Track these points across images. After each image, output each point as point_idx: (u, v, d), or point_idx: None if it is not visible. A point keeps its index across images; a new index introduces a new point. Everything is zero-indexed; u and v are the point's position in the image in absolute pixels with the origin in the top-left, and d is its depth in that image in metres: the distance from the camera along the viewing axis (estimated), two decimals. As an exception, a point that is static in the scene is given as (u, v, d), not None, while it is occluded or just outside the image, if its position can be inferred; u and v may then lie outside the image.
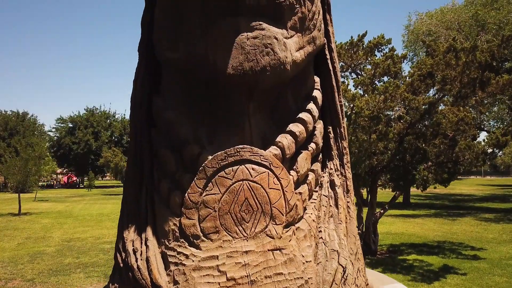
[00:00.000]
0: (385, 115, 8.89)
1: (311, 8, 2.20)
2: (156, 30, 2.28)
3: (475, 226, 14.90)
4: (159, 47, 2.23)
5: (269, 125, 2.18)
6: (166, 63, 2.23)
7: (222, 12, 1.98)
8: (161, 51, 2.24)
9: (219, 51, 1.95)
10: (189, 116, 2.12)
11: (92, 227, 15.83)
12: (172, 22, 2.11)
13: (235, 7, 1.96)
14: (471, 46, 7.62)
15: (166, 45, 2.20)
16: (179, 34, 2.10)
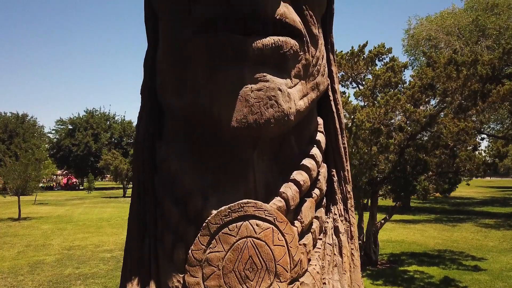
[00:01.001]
0: (386, 125, 8.88)
1: (315, 54, 2.18)
2: (158, 75, 2.25)
3: (476, 233, 14.89)
4: (162, 93, 2.21)
5: (272, 172, 2.16)
6: (169, 109, 2.21)
7: (227, 61, 1.96)
8: (164, 97, 2.21)
9: (224, 104, 1.92)
10: (193, 165, 2.10)
11: (92, 234, 15.81)
12: (175, 68, 2.09)
13: (240, 57, 1.94)
14: (472, 60, 7.61)
15: (169, 91, 2.18)
16: (183, 81, 2.08)
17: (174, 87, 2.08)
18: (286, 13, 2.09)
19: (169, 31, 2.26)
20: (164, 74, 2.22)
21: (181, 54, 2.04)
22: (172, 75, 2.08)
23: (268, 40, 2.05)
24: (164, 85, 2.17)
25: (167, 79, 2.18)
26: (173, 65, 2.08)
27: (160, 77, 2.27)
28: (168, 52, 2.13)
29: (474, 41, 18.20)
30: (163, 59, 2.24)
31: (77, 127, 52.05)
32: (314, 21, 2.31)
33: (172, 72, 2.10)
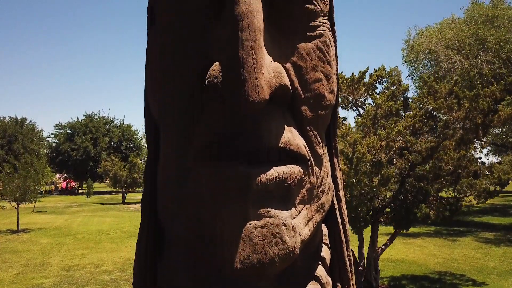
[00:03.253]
0: (386, 153, 8.83)
1: (320, 174, 2.12)
2: (159, 195, 2.19)
3: (476, 250, 14.86)
4: (162, 217, 2.14)
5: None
6: (170, 234, 2.15)
7: (230, 197, 1.90)
8: (166, 221, 2.14)
9: (227, 243, 1.86)
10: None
11: (91, 250, 15.75)
12: (177, 196, 2.02)
13: (244, 193, 1.88)
14: (473, 94, 7.57)
15: (170, 216, 2.11)
16: (185, 209, 2.01)
17: (176, 214, 2.02)
18: (290, 139, 2.01)
19: (170, 153, 2.18)
20: (165, 198, 2.16)
21: (182, 181, 1.98)
22: (174, 201, 2.02)
23: (272, 173, 1.97)
24: (165, 210, 2.11)
25: (168, 204, 2.12)
26: (174, 192, 2.03)
27: (161, 197, 2.21)
28: (169, 177, 2.08)
29: (474, 55, 18.17)
30: (164, 181, 2.18)
31: (76, 131, 52.01)
32: (319, 140, 2.23)
33: (173, 198, 2.05)
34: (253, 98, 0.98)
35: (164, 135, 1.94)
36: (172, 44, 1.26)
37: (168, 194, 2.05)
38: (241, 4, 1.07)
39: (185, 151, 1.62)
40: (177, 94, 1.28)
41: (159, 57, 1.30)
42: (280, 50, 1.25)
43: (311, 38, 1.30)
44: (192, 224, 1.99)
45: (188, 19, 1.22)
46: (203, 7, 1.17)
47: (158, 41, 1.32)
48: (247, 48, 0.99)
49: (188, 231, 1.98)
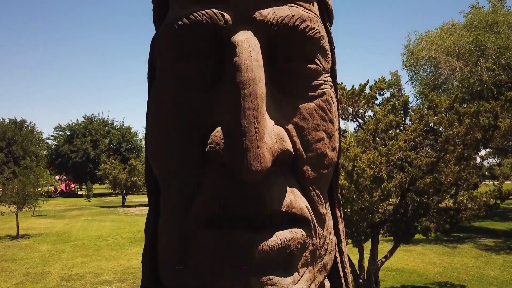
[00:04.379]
0: (387, 167, 8.82)
1: (322, 233, 2.10)
2: (160, 260, 2.16)
3: (476, 258, 14.85)
4: (164, 279, 2.12)
5: None
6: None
7: (232, 264, 1.87)
8: (166, 279, 2.11)
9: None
10: None
11: (91, 258, 15.72)
12: (178, 262, 2.00)
13: (246, 261, 1.85)
14: (474, 111, 7.56)
15: (170, 280, 2.08)
16: (186, 276, 1.99)
17: (177, 279, 2.00)
18: (293, 202, 1.98)
19: (170, 216, 2.15)
20: (165, 261, 2.14)
21: (182, 247, 1.95)
22: (174, 266, 2.00)
23: (274, 240, 1.94)
24: (165, 274, 2.09)
25: (169, 269, 2.09)
26: (174, 257, 2.00)
27: (161, 260, 2.18)
28: (169, 241, 2.05)
29: (474, 61, 18.15)
30: (164, 245, 2.15)
31: (76, 133, 52.00)
32: (322, 200, 2.21)
33: (175, 259, 2.02)
34: (255, 167, 0.98)
35: (164, 196, 1.92)
36: (173, 104, 1.24)
37: (169, 259, 2.02)
38: (243, 71, 1.04)
39: (185, 216, 1.60)
40: (177, 156, 1.26)
41: (159, 116, 1.28)
42: (281, 109, 1.23)
43: (313, 98, 1.28)
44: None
45: (190, 80, 1.20)
46: (205, 69, 1.14)
47: (159, 99, 1.30)
48: (249, 117, 0.98)
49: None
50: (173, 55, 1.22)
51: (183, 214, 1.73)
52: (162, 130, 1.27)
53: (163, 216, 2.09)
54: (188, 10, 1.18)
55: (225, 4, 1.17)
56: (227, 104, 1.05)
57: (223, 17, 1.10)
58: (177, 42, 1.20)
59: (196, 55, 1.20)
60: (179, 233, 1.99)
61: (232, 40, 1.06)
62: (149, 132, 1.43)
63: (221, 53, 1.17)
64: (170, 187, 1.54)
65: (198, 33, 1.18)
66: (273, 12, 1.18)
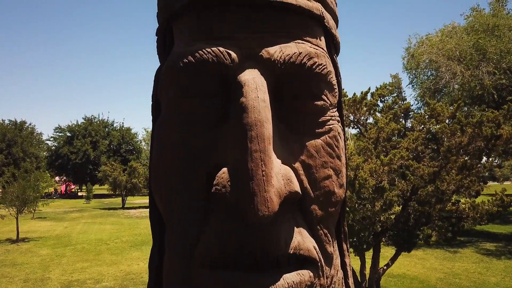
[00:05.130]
0: (389, 176, 8.78)
1: (330, 272, 2.06)
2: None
3: (477, 264, 14.83)
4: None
5: None
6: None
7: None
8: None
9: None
10: None
11: (91, 262, 15.69)
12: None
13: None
14: (476, 121, 7.53)
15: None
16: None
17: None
18: (300, 243, 1.94)
19: (174, 256, 2.11)
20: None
21: (188, 283, 1.91)
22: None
23: (282, 284, 1.90)
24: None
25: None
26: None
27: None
28: (173, 282, 2.01)
29: (475, 65, 18.12)
30: (169, 277, 2.12)
31: (76, 134, 51.96)
32: (329, 238, 2.17)
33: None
34: (263, 212, 0.95)
35: (168, 233, 1.88)
36: (178, 141, 1.20)
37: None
38: (250, 113, 1.01)
39: (190, 257, 1.56)
40: (181, 194, 1.22)
41: (163, 153, 1.25)
42: (288, 147, 1.20)
43: (320, 134, 1.25)
44: None
45: (195, 117, 1.16)
46: (211, 107, 1.11)
47: (163, 136, 1.26)
48: (256, 160, 0.96)
49: None
50: (178, 92, 1.19)
51: (188, 254, 1.68)
52: (166, 168, 1.24)
53: (167, 254, 2.04)
54: (194, 47, 1.14)
55: (231, 41, 1.14)
56: (234, 145, 1.02)
57: (229, 55, 1.06)
58: (182, 80, 1.16)
59: (201, 92, 1.17)
60: (183, 273, 1.94)
61: (239, 79, 1.04)
62: (153, 168, 1.39)
63: (227, 91, 1.14)
64: (174, 226, 1.50)
65: (203, 71, 1.14)
66: (280, 50, 1.14)
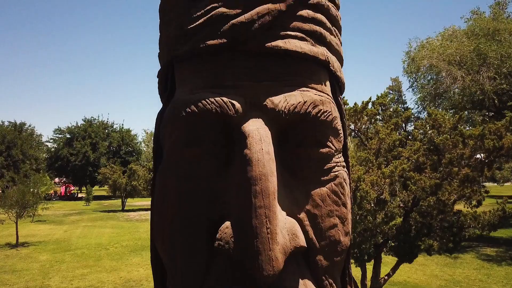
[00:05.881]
0: (390, 187, 8.75)
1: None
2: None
3: (478, 270, 14.80)
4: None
5: None
6: None
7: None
8: None
9: None
10: None
11: (91, 269, 15.65)
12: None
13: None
14: (479, 134, 7.50)
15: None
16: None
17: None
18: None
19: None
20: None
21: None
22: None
23: None
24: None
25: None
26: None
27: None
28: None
29: (475, 70, 18.09)
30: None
31: (75, 136, 51.92)
32: None
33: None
34: (268, 272, 0.91)
35: (169, 282, 1.83)
36: (180, 190, 1.17)
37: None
38: (254, 166, 0.97)
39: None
40: (182, 245, 1.19)
41: (165, 201, 1.21)
42: (292, 195, 1.16)
43: (325, 182, 1.21)
44: None
45: (197, 166, 1.12)
46: (214, 156, 1.07)
47: (165, 183, 1.23)
48: (261, 217, 0.92)
49: None
50: (180, 140, 1.15)
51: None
52: (168, 216, 1.20)
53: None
54: (197, 96, 1.11)
55: (235, 89, 1.10)
56: (238, 199, 0.98)
57: (233, 106, 1.03)
58: (185, 129, 1.13)
59: (204, 141, 1.13)
60: None
61: (243, 129, 1.01)
62: (155, 215, 1.36)
63: (230, 140, 1.10)
64: (176, 276, 1.46)
65: (206, 121, 1.11)
66: (285, 99, 1.10)
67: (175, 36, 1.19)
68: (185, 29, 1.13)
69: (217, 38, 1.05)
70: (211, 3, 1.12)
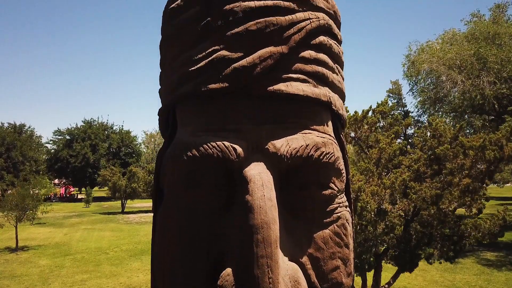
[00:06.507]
0: (390, 197, 8.74)
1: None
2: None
3: (478, 276, 14.79)
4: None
5: None
6: None
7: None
8: None
9: None
10: None
11: (91, 274, 15.63)
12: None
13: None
14: (479, 145, 7.48)
15: None
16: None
17: None
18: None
19: None
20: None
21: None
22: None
23: None
24: None
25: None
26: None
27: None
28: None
29: (475, 75, 18.07)
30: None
31: (75, 137, 51.89)
32: None
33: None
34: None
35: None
36: (180, 229, 1.16)
37: None
38: (256, 213, 0.96)
39: None
40: (184, 282, 1.18)
41: (165, 240, 1.20)
42: (294, 238, 1.14)
43: (327, 224, 1.19)
44: None
45: (198, 208, 1.11)
46: (215, 197, 1.06)
47: (165, 223, 1.21)
48: (262, 267, 0.91)
49: None
50: (181, 182, 1.14)
51: None
52: (169, 255, 1.19)
53: None
54: (198, 139, 1.09)
55: (237, 133, 1.08)
56: (239, 247, 0.97)
57: (235, 151, 1.02)
58: (186, 172, 1.11)
59: (205, 184, 1.11)
60: None
61: (244, 174, 0.99)
62: (155, 254, 1.35)
63: (232, 182, 1.09)
64: None
65: (208, 165, 1.09)
66: (287, 143, 1.08)
67: (176, 77, 1.17)
68: (187, 71, 1.11)
69: (219, 82, 1.04)
70: (212, 46, 1.10)
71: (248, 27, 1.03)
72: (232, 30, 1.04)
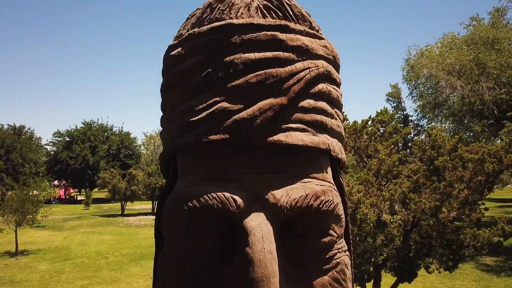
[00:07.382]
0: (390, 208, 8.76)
1: None
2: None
3: (477, 282, 14.82)
4: None
5: None
6: None
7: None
8: None
9: None
10: None
11: (91, 279, 15.65)
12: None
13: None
14: (478, 158, 7.51)
15: None
16: None
17: None
18: None
19: None
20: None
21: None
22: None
23: None
24: None
25: None
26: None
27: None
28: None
29: (475, 80, 18.09)
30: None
31: (75, 139, 51.83)
32: None
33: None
34: None
35: None
36: (180, 278, 1.18)
37: None
38: (256, 267, 0.98)
39: None
40: None
41: (166, 284, 1.22)
42: (293, 286, 1.17)
43: (327, 270, 1.21)
44: None
45: (198, 257, 1.13)
46: (215, 247, 1.07)
47: (165, 272, 1.23)
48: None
49: None
50: (181, 232, 1.16)
51: None
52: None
53: None
54: (199, 190, 1.11)
55: (237, 183, 1.10)
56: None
57: (235, 202, 1.03)
58: (186, 222, 1.13)
59: (205, 234, 1.14)
60: None
61: (244, 225, 1.00)
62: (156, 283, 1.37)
63: (231, 232, 1.11)
64: None
65: (208, 216, 1.11)
66: (287, 194, 1.10)
67: (177, 126, 1.19)
68: (187, 121, 1.14)
69: (219, 134, 1.05)
70: (213, 97, 1.11)
71: (248, 80, 1.04)
72: (233, 82, 1.05)
